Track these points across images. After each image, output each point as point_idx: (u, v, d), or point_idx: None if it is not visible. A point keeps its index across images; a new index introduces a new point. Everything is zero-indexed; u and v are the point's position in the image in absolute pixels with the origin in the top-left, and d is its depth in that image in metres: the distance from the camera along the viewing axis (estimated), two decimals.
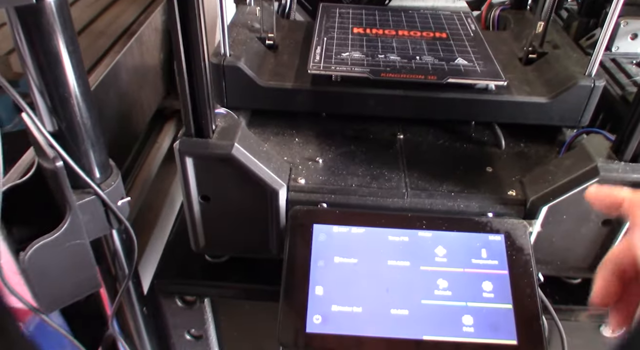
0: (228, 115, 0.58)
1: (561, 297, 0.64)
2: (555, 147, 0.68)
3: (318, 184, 0.60)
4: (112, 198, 0.53)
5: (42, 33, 0.43)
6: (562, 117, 0.66)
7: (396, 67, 0.65)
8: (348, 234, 0.56)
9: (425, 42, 0.72)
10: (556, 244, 0.60)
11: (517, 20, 0.85)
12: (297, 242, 0.56)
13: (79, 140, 0.50)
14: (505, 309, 0.53)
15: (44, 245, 0.49)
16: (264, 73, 0.67)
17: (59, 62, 0.45)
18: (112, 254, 0.59)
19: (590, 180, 0.54)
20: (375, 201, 0.59)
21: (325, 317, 0.52)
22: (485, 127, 0.71)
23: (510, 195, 0.59)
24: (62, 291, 0.53)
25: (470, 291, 0.54)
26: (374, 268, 0.55)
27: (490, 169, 0.63)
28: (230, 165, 0.55)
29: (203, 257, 0.67)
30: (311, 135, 0.68)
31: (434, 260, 0.55)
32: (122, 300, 0.64)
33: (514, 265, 0.55)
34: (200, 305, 0.67)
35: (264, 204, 0.58)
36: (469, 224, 0.57)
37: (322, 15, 0.80)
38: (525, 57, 0.73)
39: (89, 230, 0.52)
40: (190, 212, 0.59)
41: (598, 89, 0.63)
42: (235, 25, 0.73)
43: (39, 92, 0.46)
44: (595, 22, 0.85)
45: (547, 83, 0.67)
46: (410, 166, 0.63)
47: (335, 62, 0.66)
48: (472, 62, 0.67)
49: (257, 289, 0.65)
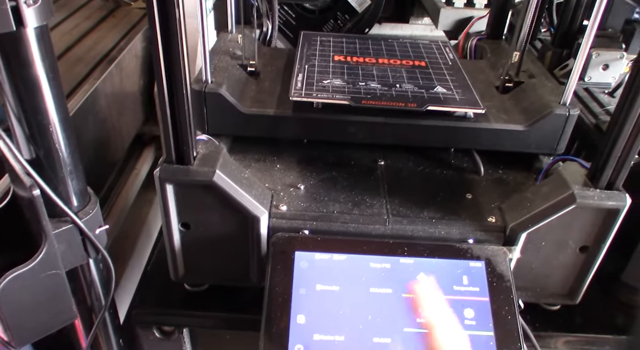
0: (209, 142, 0.58)
1: (541, 324, 0.64)
2: (532, 174, 0.69)
3: (300, 210, 0.59)
4: (89, 226, 0.52)
5: (22, 61, 0.43)
6: (538, 145, 0.67)
7: (377, 95, 0.66)
8: (330, 261, 0.56)
9: (404, 70, 0.74)
10: (535, 271, 0.61)
11: (493, 50, 0.87)
12: (278, 269, 0.55)
13: (57, 167, 0.49)
14: (486, 336, 0.53)
15: (18, 276, 0.47)
16: (245, 100, 0.67)
17: (38, 89, 0.45)
18: (89, 284, 0.58)
19: (567, 207, 0.55)
20: (357, 228, 0.59)
21: (307, 346, 0.52)
22: (464, 154, 0.72)
23: (490, 222, 0.60)
24: (36, 323, 0.52)
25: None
26: (356, 296, 0.54)
27: (469, 196, 0.64)
28: (211, 192, 0.54)
29: (182, 286, 0.66)
30: (292, 161, 0.68)
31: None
32: (98, 332, 0.62)
33: (494, 292, 0.55)
34: (179, 336, 0.65)
35: (245, 231, 0.58)
36: (450, 250, 0.57)
37: (304, 42, 0.81)
38: (502, 86, 0.74)
39: (65, 260, 0.51)
40: (170, 240, 0.58)
41: (573, 118, 0.65)
42: (217, 52, 0.73)
43: (16, 120, 0.46)
44: (568, 52, 0.88)
45: (524, 111, 0.68)
46: (392, 193, 0.63)
47: (316, 89, 0.66)
48: (450, 90, 0.68)
49: (237, 318, 0.64)
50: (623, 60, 0.84)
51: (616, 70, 0.85)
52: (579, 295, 0.62)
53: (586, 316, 0.65)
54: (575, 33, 0.88)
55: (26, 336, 0.52)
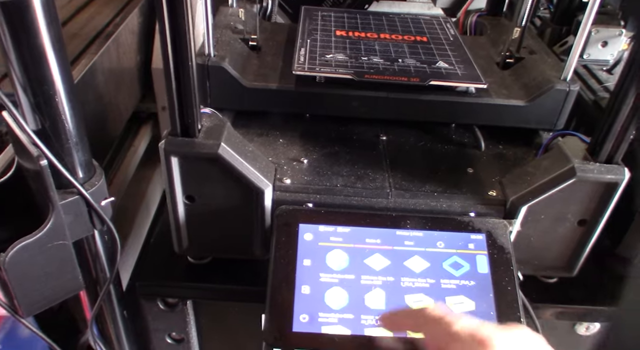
0: (213, 115, 0.58)
1: (538, 295, 0.65)
2: (532, 149, 0.70)
3: (303, 184, 0.60)
4: (95, 198, 0.52)
5: (28, 29, 0.42)
6: (539, 120, 0.68)
7: (379, 69, 0.66)
8: (334, 234, 0.57)
9: (406, 45, 0.74)
10: (534, 244, 0.62)
11: (493, 26, 0.87)
12: (283, 241, 0.56)
13: (63, 139, 0.49)
14: (487, 306, 0.54)
15: (26, 246, 0.47)
16: (248, 74, 0.67)
17: (44, 58, 0.44)
18: (94, 256, 0.58)
19: (567, 181, 0.55)
20: (360, 201, 0.59)
21: (312, 316, 0.53)
22: (465, 129, 0.72)
23: (490, 196, 0.60)
24: (43, 293, 0.52)
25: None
26: (359, 267, 0.55)
27: (470, 170, 0.65)
28: (216, 164, 0.55)
29: (185, 258, 0.66)
30: (295, 136, 0.68)
31: (418, 259, 0.56)
32: (103, 303, 0.62)
33: (495, 264, 0.56)
34: (183, 308, 0.66)
35: (249, 204, 0.58)
36: (452, 223, 0.58)
37: (305, 17, 0.80)
38: (503, 62, 0.75)
39: (71, 231, 0.51)
40: (175, 212, 0.59)
41: (573, 93, 0.65)
42: (218, 27, 0.73)
43: (22, 90, 0.46)
44: (568, 29, 0.88)
45: (525, 87, 0.68)
46: (394, 167, 0.64)
47: (319, 63, 0.66)
48: (452, 65, 0.69)
49: (240, 290, 0.64)
50: (622, 37, 0.84)
51: (615, 48, 0.85)
52: (576, 267, 0.63)
53: (582, 288, 0.66)
54: (575, 10, 0.88)
55: (33, 306, 0.52)
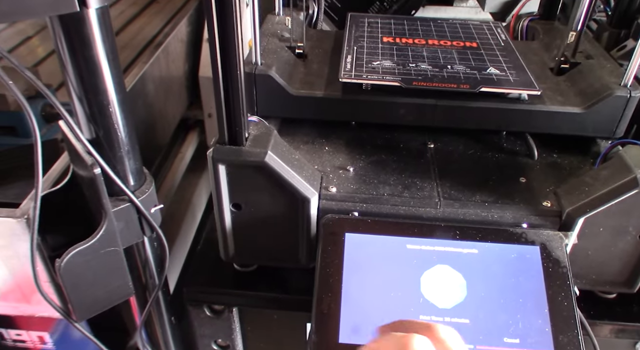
0: (260, 123, 0.58)
1: (596, 312, 0.62)
2: (588, 158, 0.67)
3: (349, 192, 0.59)
4: (145, 205, 0.54)
5: (84, 41, 0.44)
6: (596, 128, 0.65)
7: (428, 76, 0.65)
8: (380, 243, 0.56)
9: (455, 51, 0.72)
10: (592, 257, 0.59)
11: (546, 31, 0.84)
12: (329, 250, 0.55)
13: (116, 147, 0.50)
14: (541, 323, 0.52)
15: (79, 252, 0.49)
16: (294, 82, 0.67)
17: (99, 69, 0.46)
18: (143, 262, 0.59)
19: (630, 192, 0.53)
20: (408, 210, 0.58)
21: (358, 327, 0.52)
22: (516, 137, 0.70)
23: (545, 206, 0.58)
24: (96, 299, 0.53)
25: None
26: (407, 278, 0.54)
27: (523, 179, 0.62)
28: (263, 173, 0.55)
29: (231, 266, 0.67)
30: (341, 143, 0.68)
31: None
32: (152, 309, 0.64)
33: (550, 278, 0.54)
34: (229, 315, 0.66)
35: (295, 212, 0.58)
36: (504, 234, 0.56)
37: (351, 24, 0.80)
38: (557, 67, 0.72)
39: (122, 238, 0.53)
40: (221, 220, 0.59)
41: (634, 100, 0.62)
42: (265, 35, 0.73)
43: (78, 100, 0.47)
44: (627, 33, 0.84)
45: (581, 93, 0.66)
46: (442, 175, 0.62)
47: (366, 70, 0.65)
48: (504, 71, 0.67)
49: (286, 298, 0.64)
50: None
51: None
52: (637, 283, 0.60)
53: None
54: (634, 12, 0.84)
55: (86, 310, 0.54)
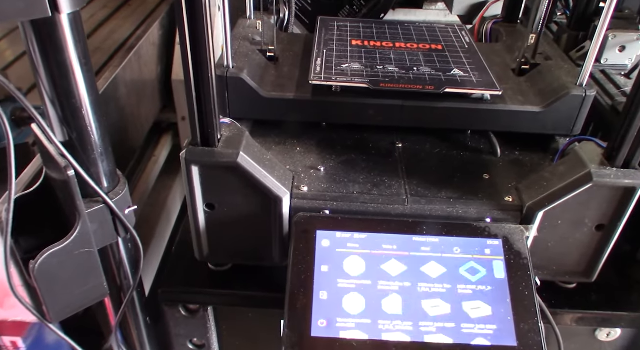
0: (232, 125, 0.60)
1: (557, 301, 0.65)
2: (548, 154, 0.70)
3: (320, 191, 0.61)
4: (119, 207, 0.54)
5: (56, 45, 0.45)
6: (555, 126, 0.68)
7: (395, 78, 0.67)
8: (351, 240, 0.58)
9: (421, 53, 0.75)
10: (552, 249, 0.62)
11: (509, 33, 0.88)
12: (301, 248, 0.57)
13: (89, 149, 0.51)
14: (504, 312, 0.54)
15: (54, 253, 0.49)
16: (266, 84, 0.68)
17: (71, 73, 0.46)
18: (118, 263, 0.60)
19: (584, 186, 0.55)
20: (377, 208, 0.60)
21: (330, 321, 0.53)
22: (480, 136, 0.73)
23: (507, 201, 0.61)
24: (70, 300, 0.54)
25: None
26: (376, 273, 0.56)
27: (487, 176, 0.65)
28: (235, 173, 0.56)
29: (206, 265, 0.68)
30: (312, 144, 0.69)
31: (434, 264, 0.56)
32: (127, 309, 0.64)
33: (512, 270, 0.57)
34: (204, 314, 0.67)
35: (267, 211, 0.59)
36: (468, 229, 0.59)
37: (321, 28, 0.82)
38: (518, 68, 0.75)
39: (97, 239, 0.53)
40: (195, 220, 0.60)
41: (589, 99, 0.65)
42: (237, 38, 0.75)
43: (50, 102, 0.48)
44: (585, 34, 0.88)
45: (540, 93, 0.69)
46: (410, 174, 0.64)
47: (335, 73, 0.67)
48: (467, 72, 0.69)
49: (260, 296, 0.65)
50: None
51: (633, 52, 0.84)
52: (595, 273, 0.63)
53: (602, 294, 0.66)
54: (592, 15, 0.88)
55: (61, 311, 0.54)
